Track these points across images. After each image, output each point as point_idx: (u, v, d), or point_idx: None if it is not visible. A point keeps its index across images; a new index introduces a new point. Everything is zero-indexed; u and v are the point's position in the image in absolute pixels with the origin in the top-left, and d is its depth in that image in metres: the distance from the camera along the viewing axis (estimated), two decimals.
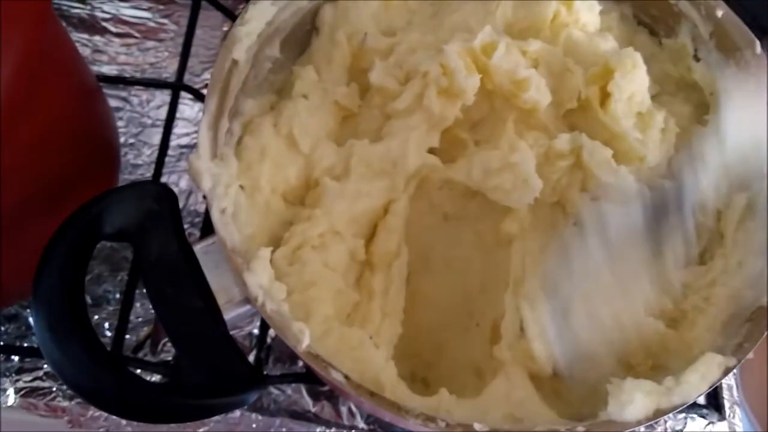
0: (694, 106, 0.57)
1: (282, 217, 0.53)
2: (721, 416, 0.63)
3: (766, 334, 0.44)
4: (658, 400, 0.42)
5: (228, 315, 0.45)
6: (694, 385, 0.43)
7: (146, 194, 0.46)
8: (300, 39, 0.59)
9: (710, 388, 0.43)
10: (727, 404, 0.64)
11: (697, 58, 0.57)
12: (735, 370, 0.62)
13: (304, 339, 0.43)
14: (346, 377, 0.42)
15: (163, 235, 0.46)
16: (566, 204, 0.55)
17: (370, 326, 0.50)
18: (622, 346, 0.48)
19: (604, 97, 0.54)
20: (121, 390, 0.41)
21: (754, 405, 0.73)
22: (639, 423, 0.42)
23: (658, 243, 0.49)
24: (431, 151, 0.55)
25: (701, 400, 0.64)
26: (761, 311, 0.45)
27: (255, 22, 0.52)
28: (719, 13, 0.54)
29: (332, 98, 0.56)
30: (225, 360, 0.43)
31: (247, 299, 0.44)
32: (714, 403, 0.64)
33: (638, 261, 0.48)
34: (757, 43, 0.52)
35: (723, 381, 0.62)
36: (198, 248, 0.46)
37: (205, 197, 0.46)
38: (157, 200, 0.46)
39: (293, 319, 0.44)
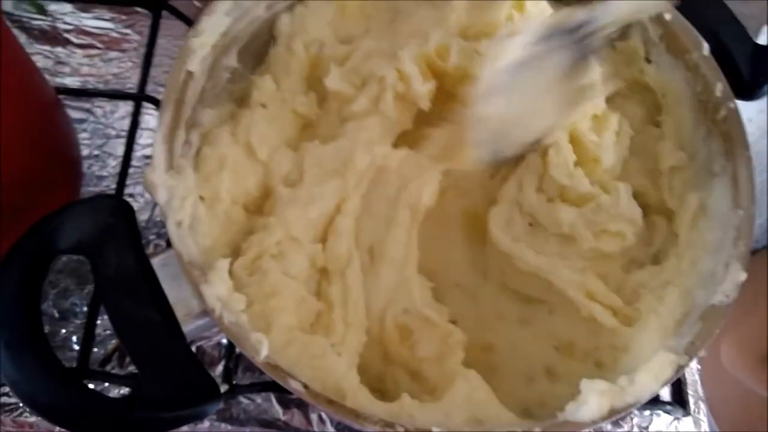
0: (648, 107, 0.59)
1: (243, 227, 0.53)
2: (686, 412, 0.64)
3: (716, 333, 0.45)
4: (612, 399, 0.43)
5: (187, 327, 0.45)
6: (648, 384, 0.43)
7: (102, 208, 0.46)
8: (258, 48, 0.59)
9: (663, 386, 0.44)
10: (691, 400, 0.65)
11: (648, 61, 0.58)
12: (698, 368, 0.64)
13: (262, 350, 0.43)
14: (305, 386, 0.43)
15: (119, 249, 0.45)
16: (523, 203, 0.56)
17: (334, 336, 0.50)
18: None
19: None
20: (79, 406, 0.41)
21: (714, 404, 0.74)
22: (594, 423, 0.43)
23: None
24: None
25: (666, 397, 0.65)
26: (713, 310, 0.46)
27: (209, 33, 0.52)
28: (668, 17, 0.55)
29: (291, 107, 0.56)
30: (184, 373, 0.43)
31: (206, 311, 0.44)
32: (678, 399, 0.64)
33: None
34: (705, 44, 0.53)
35: (687, 377, 0.65)
36: (156, 261, 0.46)
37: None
38: (114, 214, 0.46)
39: (252, 330, 0.44)
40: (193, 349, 0.64)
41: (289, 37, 0.58)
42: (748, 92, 0.53)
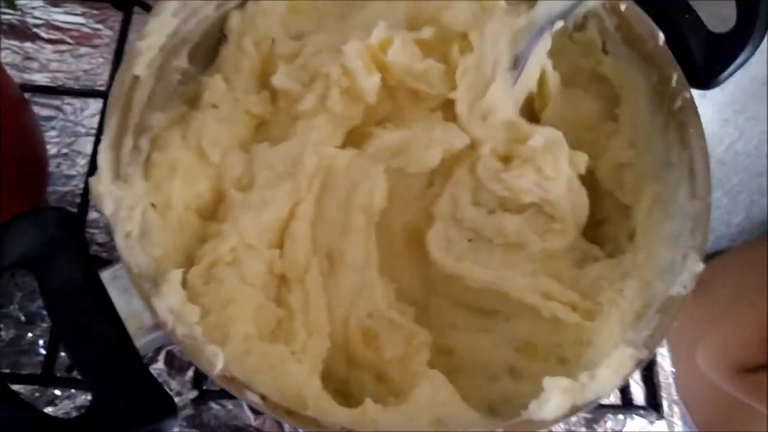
0: (606, 100, 0.58)
1: (197, 234, 0.52)
2: (660, 415, 0.65)
3: (674, 325, 0.45)
4: (573, 396, 0.43)
5: (140, 342, 0.43)
6: (608, 379, 0.44)
7: (47, 221, 0.44)
8: (209, 48, 0.57)
9: (624, 379, 0.44)
10: (665, 403, 0.65)
11: (606, 52, 0.58)
12: (673, 371, 0.64)
13: (217, 362, 0.42)
14: (263, 398, 0.42)
15: (67, 263, 0.44)
16: (463, 219, 0.55)
17: (295, 343, 0.49)
18: None
19: None
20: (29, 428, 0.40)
21: (691, 404, 0.75)
22: (556, 420, 0.43)
23: None
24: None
25: (640, 401, 0.65)
26: (671, 301, 0.46)
27: (155, 35, 0.50)
28: (623, 6, 0.54)
29: (243, 107, 0.55)
30: (139, 389, 0.42)
31: (158, 324, 0.43)
32: (652, 402, 0.65)
33: None
34: (660, 34, 0.53)
35: (661, 380, 0.65)
36: (105, 275, 0.44)
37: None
38: (59, 226, 0.45)
39: (207, 342, 0.43)
40: (163, 354, 0.63)
41: (239, 34, 0.56)
42: (703, 81, 0.53)
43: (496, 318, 0.55)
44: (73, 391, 0.60)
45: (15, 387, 0.54)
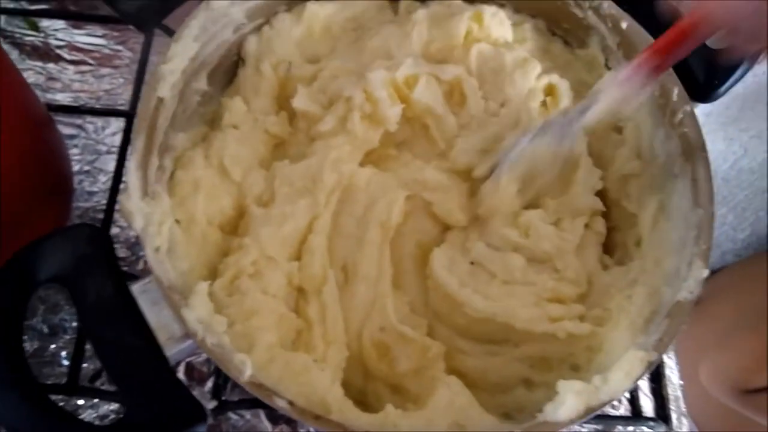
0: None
1: (220, 248, 0.54)
2: (669, 427, 0.66)
3: (682, 328, 0.47)
4: (587, 398, 0.44)
5: (170, 351, 0.45)
6: (620, 381, 0.45)
7: (78, 238, 0.46)
8: (227, 70, 0.60)
9: (635, 381, 0.45)
10: (674, 415, 0.66)
11: (608, 68, 0.60)
12: (681, 383, 0.66)
13: (246, 370, 0.43)
14: (291, 403, 0.43)
15: (98, 277, 0.46)
16: (471, 251, 0.56)
17: (315, 353, 0.51)
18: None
19: None
20: None
21: (699, 418, 0.76)
22: (571, 422, 0.44)
23: None
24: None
25: (649, 412, 0.66)
26: (678, 306, 0.48)
27: (178, 59, 0.52)
28: (624, 25, 0.57)
29: (262, 127, 0.57)
30: (169, 397, 0.44)
31: (188, 335, 0.45)
32: (662, 414, 0.66)
33: None
34: None
35: (670, 392, 0.66)
36: (135, 287, 0.46)
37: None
38: (90, 243, 0.47)
39: (235, 351, 0.44)
40: (183, 365, 0.64)
41: (257, 58, 0.59)
42: (703, 95, 0.55)
43: (506, 345, 0.54)
44: (96, 400, 0.61)
45: None
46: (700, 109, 0.55)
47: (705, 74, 0.55)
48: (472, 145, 0.58)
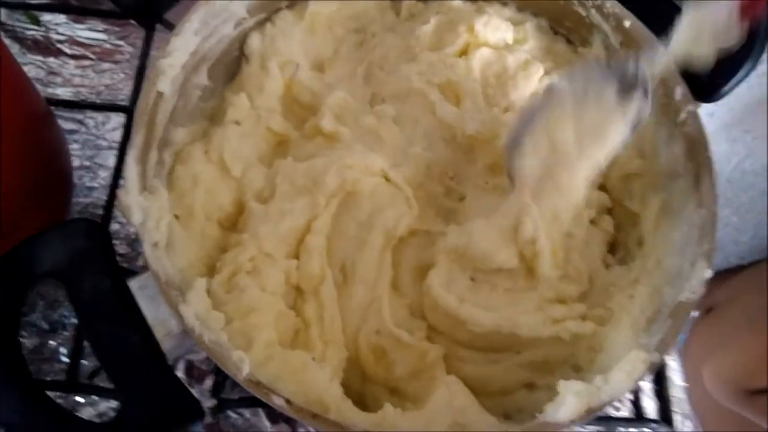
0: None
1: (218, 244, 0.54)
2: (671, 429, 0.65)
3: (685, 329, 0.46)
4: (588, 399, 0.44)
5: (167, 347, 0.45)
6: (622, 382, 0.44)
7: (75, 233, 0.46)
8: (228, 65, 0.60)
9: (636, 382, 0.45)
10: (678, 417, 0.66)
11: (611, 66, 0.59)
12: (685, 385, 0.65)
13: (243, 367, 0.43)
14: (288, 401, 0.43)
15: (95, 272, 0.45)
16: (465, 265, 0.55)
17: (314, 352, 0.50)
18: None
19: None
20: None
21: (705, 420, 0.76)
22: (572, 422, 0.44)
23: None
24: None
25: (652, 414, 0.66)
26: (680, 307, 0.47)
27: (178, 53, 0.52)
28: (627, 24, 0.56)
29: (265, 124, 0.57)
30: (166, 393, 0.43)
31: (186, 331, 0.44)
32: (664, 416, 0.66)
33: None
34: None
35: (674, 395, 0.65)
36: (133, 283, 0.46)
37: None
38: (88, 237, 0.46)
39: (232, 348, 0.44)
40: (182, 363, 0.64)
41: (261, 56, 0.58)
42: (707, 95, 0.55)
43: (507, 353, 0.53)
44: (94, 398, 0.61)
45: None
46: (703, 110, 0.54)
47: (709, 73, 0.54)
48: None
